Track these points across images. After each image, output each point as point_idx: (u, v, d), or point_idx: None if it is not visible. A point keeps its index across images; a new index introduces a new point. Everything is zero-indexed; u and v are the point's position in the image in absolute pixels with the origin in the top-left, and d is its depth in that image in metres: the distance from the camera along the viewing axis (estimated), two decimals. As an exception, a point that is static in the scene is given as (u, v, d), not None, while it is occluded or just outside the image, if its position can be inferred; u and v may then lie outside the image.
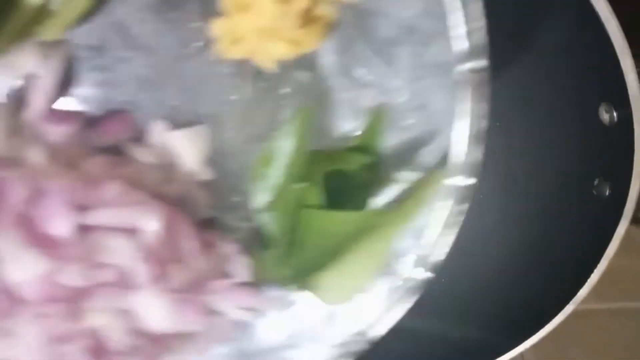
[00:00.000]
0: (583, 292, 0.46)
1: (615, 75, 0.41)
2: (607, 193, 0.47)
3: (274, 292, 0.36)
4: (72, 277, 0.29)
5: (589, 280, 0.46)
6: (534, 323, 0.48)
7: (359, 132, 0.34)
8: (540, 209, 0.54)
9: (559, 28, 0.46)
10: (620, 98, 0.42)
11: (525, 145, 0.55)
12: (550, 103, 0.52)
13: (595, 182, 0.47)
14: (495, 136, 0.56)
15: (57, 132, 0.32)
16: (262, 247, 0.35)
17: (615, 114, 0.44)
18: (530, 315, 0.49)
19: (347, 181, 0.33)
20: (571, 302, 0.46)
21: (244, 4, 0.30)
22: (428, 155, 0.33)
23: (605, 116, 0.45)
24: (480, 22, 0.29)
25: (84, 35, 0.32)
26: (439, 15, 0.30)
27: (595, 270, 0.45)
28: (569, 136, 0.51)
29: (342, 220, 0.31)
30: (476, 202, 0.54)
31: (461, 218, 0.32)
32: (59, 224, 0.29)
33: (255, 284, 0.35)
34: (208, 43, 0.33)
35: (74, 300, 0.29)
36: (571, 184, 0.51)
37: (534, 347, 0.52)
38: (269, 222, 0.34)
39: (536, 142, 0.54)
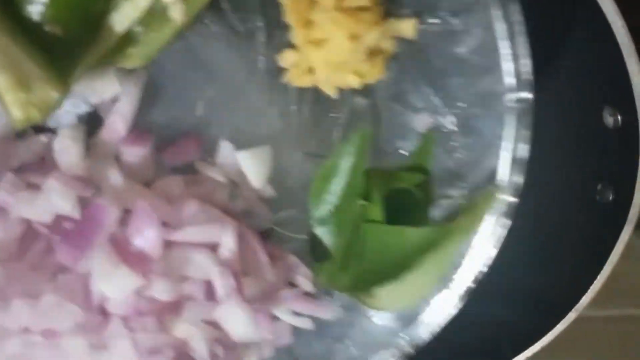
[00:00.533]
0: (586, 299, 0.45)
1: (620, 79, 0.40)
2: (610, 198, 0.45)
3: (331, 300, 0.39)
4: (161, 291, 0.31)
5: (591, 287, 0.44)
6: (536, 331, 0.46)
7: (411, 152, 0.37)
8: (542, 214, 0.51)
9: (564, 29, 0.45)
10: (624, 102, 0.41)
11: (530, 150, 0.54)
12: (553, 106, 0.48)
13: (598, 187, 0.46)
14: None
15: (133, 153, 0.34)
16: (318, 258, 0.37)
17: (619, 117, 0.43)
18: (532, 323, 0.47)
19: (403, 198, 0.35)
20: (573, 310, 0.45)
21: (319, 40, 0.32)
22: (476, 175, 0.36)
23: (609, 120, 0.43)
24: (528, 59, 0.33)
25: (160, 61, 0.34)
26: (489, 51, 0.33)
27: (599, 277, 0.44)
28: (571, 140, 0.49)
29: (404, 235, 0.34)
30: None
31: (505, 233, 0.36)
32: (149, 241, 0.31)
33: (315, 292, 0.38)
34: (274, 71, 0.35)
35: (163, 313, 0.32)
36: (574, 188, 0.49)
37: (533, 354, 0.50)
38: (327, 235, 0.36)
39: (538, 145, 0.50)
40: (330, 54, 0.33)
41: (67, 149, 0.32)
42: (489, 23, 0.32)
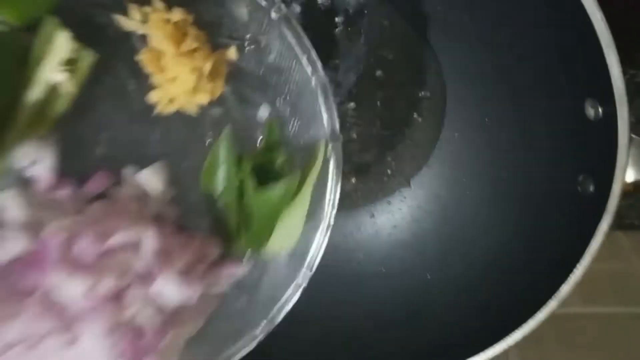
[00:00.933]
0: (566, 288, 0.45)
1: (601, 71, 0.40)
2: (591, 189, 0.45)
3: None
4: (107, 286, 0.43)
5: (572, 277, 0.44)
6: (518, 318, 0.47)
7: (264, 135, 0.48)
8: (525, 204, 0.54)
9: (545, 23, 0.47)
10: (605, 94, 0.41)
11: (512, 141, 0.57)
12: (537, 99, 0.52)
13: (580, 178, 0.46)
14: (484, 132, 0.59)
15: (62, 195, 0.45)
16: (226, 229, 0.49)
17: (600, 109, 0.43)
18: (515, 310, 0.48)
19: (268, 170, 0.47)
20: (554, 299, 0.45)
21: (170, 78, 0.44)
22: (311, 139, 0.47)
23: (590, 112, 0.44)
24: (312, 52, 0.44)
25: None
26: (289, 56, 0.45)
27: (579, 266, 0.44)
28: (555, 132, 0.50)
29: (271, 194, 0.46)
30: (463, 196, 0.62)
31: (340, 172, 0.46)
32: (88, 253, 0.43)
33: (228, 256, 0.49)
34: (150, 107, 0.46)
35: (114, 300, 0.43)
36: (556, 179, 0.50)
37: (520, 348, 0.53)
38: (225, 211, 0.48)
39: (523, 138, 0.55)
40: (182, 86, 0.45)
41: (13, 206, 0.43)
42: (281, 38, 0.44)
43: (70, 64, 0.42)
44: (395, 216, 0.65)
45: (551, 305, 0.45)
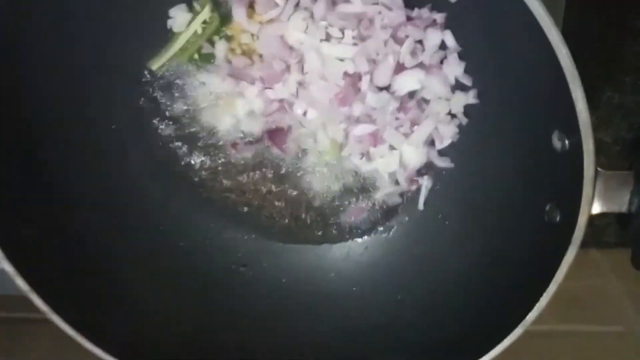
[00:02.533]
0: (532, 316, 0.45)
1: (568, 104, 0.41)
2: (558, 219, 0.46)
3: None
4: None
5: (537, 305, 0.45)
6: (484, 344, 0.47)
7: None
8: (493, 233, 0.55)
9: (514, 57, 0.48)
10: (571, 126, 0.41)
11: (485, 169, 0.58)
12: (506, 129, 0.54)
13: (547, 208, 0.47)
14: (460, 161, 0.60)
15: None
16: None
17: (566, 141, 0.44)
18: (480, 336, 0.49)
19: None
20: (520, 326, 0.46)
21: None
22: None
23: (557, 143, 0.45)
24: None
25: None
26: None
27: (545, 294, 0.45)
28: (525, 161, 0.51)
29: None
30: (436, 225, 0.62)
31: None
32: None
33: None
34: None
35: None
36: (524, 209, 0.51)
37: None
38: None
39: (492, 167, 0.57)
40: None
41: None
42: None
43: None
44: (367, 238, 0.66)
45: (517, 332, 0.46)
